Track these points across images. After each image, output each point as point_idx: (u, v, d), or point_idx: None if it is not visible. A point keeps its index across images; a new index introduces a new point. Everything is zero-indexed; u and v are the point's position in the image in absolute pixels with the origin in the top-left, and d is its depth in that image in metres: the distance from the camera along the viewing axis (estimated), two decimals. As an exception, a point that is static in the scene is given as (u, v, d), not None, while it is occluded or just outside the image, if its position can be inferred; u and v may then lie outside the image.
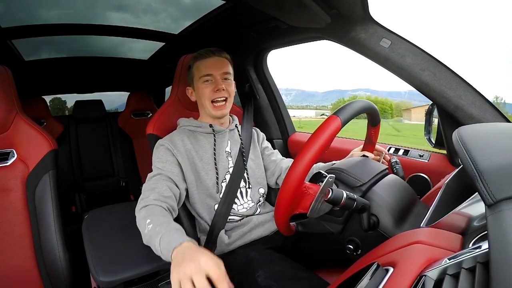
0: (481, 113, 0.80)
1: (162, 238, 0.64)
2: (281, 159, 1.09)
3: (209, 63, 0.95)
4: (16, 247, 0.91)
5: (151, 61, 2.11)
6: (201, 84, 0.95)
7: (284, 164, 1.05)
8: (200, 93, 0.95)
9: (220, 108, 0.95)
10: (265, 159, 1.09)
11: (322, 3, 0.82)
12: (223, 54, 0.97)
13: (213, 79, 0.94)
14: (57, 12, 1.31)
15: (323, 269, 0.88)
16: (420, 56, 0.84)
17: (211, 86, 0.94)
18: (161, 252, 0.65)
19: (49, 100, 2.69)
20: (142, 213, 0.75)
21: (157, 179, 0.85)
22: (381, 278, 0.38)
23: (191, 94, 1.01)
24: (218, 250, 0.93)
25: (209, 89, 0.94)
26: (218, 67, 0.95)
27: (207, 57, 0.95)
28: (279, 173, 1.05)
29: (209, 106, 0.95)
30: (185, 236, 0.65)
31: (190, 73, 0.99)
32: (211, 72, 0.94)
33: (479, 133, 0.44)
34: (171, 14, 1.44)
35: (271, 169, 1.07)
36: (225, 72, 0.96)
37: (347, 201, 0.56)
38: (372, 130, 0.80)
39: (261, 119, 1.55)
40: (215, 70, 0.94)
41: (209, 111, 0.96)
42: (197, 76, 0.96)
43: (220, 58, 0.96)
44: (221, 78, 0.95)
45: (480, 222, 0.42)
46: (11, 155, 0.94)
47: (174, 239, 0.62)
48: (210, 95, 0.94)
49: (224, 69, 0.96)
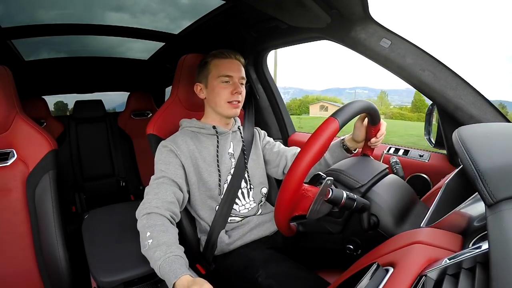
0: (481, 113, 0.80)
1: (161, 267, 0.66)
2: (285, 149, 1.07)
3: (230, 64, 0.94)
4: (16, 247, 0.91)
5: (151, 61, 2.11)
6: (219, 84, 0.93)
7: (289, 153, 1.04)
8: (216, 92, 0.93)
9: (236, 107, 0.94)
10: (267, 153, 1.08)
11: (322, 3, 0.82)
12: (241, 58, 0.97)
13: (231, 81, 0.93)
14: (56, 13, 1.31)
15: (323, 269, 0.88)
16: (420, 56, 0.84)
17: (230, 87, 0.92)
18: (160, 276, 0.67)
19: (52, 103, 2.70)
20: (143, 221, 0.75)
21: (160, 183, 0.84)
22: (381, 278, 0.38)
23: (199, 91, 0.99)
24: (219, 250, 0.93)
25: (228, 90, 0.92)
26: (238, 70, 0.94)
27: (228, 58, 0.94)
28: (284, 163, 1.03)
29: (225, 105, 0.93)
30: (184, 266, 0.66)
31: (205, 70, 0.96)
32: (232, 74, 0.93)
33: (479, 133, 0.44)
34: (169, 14, 1.44)
35: (275, 161, 1.05)
36: (242, 77, 0.95)
37: (347, 201, 0.56)
38: (372, 129, 0.80)
39: (261, 119, 1.55)
40: (235, 72, 0.93)
41: (222, 109, 0.94)
42: (214, 74, 0.94)
43: (238, 62, 0.96)
44: (239, 82, 0.94)
45: (480, 222, 0.42)
46: (11, 155, 0.94)
47: (173, 271, 0.64)
48: (227, 97, 0.92)
49: (242, 74, 0.96)
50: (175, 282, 0.62)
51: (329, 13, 0.86)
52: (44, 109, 2.24)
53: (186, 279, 0.62)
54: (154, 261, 0.68)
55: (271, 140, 1.12)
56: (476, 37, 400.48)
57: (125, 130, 2.46)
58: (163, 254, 0.67)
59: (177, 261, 0.66)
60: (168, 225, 0.75)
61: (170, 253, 0.67)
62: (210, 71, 0.95)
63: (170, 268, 0.65)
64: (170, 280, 0.63)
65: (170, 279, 0.63)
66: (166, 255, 0.67)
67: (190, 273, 0.65)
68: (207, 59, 0.97)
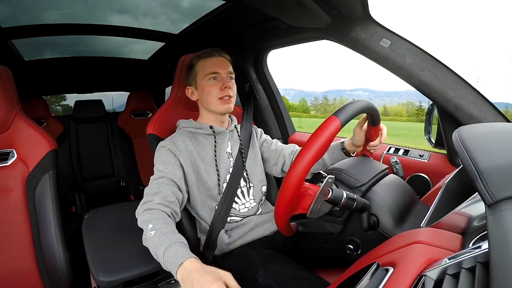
0: (481, 113, 0.80)
1: (166, 251, 0.64)
2: (282, 147, 1.06)
3: (215, 61, 0.95)
4: (16, 247, 0.91)
5: (151, 61, 2.11)
6: (207, 82, 0.94)
7: (286, 151, 1.04)
8: (206, 91, 0.94)
9: (228, 102, 0.94)
10: (265, 151, 1.08)
11: (322, 3, 0.82)
12: (226, 55, 0.98)
13: (219, 77, 0.94)
14: (59, 16, 1.32)
15: (323, 269, 0.88)
16: (420, 56, 0.84)
17: (219, 84, 0.93)
18: (163, 263, 0.65)
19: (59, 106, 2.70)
20: (144, 216, 0.75)
21: (160, 183, 0.84)
22: (381, 278, 0.38)
23: (191, 94, 1.00)
24: (218, 249, 0.93)
25: (217, 87, 0.93)
26: (224, 66, 0.95)
27: (212, 56, 0.95)
28: (283, 161, 1.03)
29: (217, 102, 0.94)
30: (189, 251, 0.65)
31: (192, 72, 0.98)
32: (218, 70, 0.94)
33: (479, 133, 0.44)
34: (170, 17, 1.46)
35: (274, 159, 1.05)
36: (230, 71, 0.96)
37: (347, 201, 0.56)
38: (372, 129, 0.80)
39: (261, 119, 1.55)
40: (221, 68, 0.94)
41: (215, 107, 0.95)
42: (201, 75, 0.95)
43: (224, 58, 0.97)
44: (227, 77, 0.95)
45: (480, 222, 0.42)
46: (11, 155, 0.94)
47: (179, 253, 0.63)
48: (217, 93, 0.93)
49: (229, 69, 0.96)
50: (182, 263, 0.61)
51: (329, 13, 0.86)
52: (44, 109, 2.24)
53: (197, 261, 0.61)
54: (159, 246, 0.66)
55: (268, 138, 1.12)
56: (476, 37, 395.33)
57: (125, 130, 2.46)
58: (169, 240, 0.66)
59: (184, 247, 0.65)
60: (169, 220, 0.75)
61: (177, 239, 0.67)
62: (197, 73, 0.96)
63: (177, 251, 0.63)
64: (176, 262, 0.61)
65: (177, 260, 0.61)
66: (173, 240, 0.66)
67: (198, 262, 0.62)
68: (192, 61, 0.98)
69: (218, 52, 0.96)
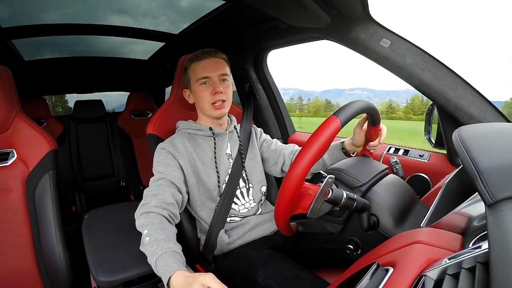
0: (481, 113, 0.80)
1: (157, 262, 0.65)
2: (282, 146, 1.06)
3: (206, 64, 0.93)
4: (16, 247, 0.91)
5: (151, 61, 2.11)
6: (199, 87, 0.93)
7: (286, 151, 1.03)
8: (199, 96, 0.94)
9: (220, 107, 0.93)
10: (265, 151, 1.07)
11: (322, 3, 0.82)
12: (220, 54, 0.96)
13: (210, 81, 0.93)
14: (58, 14, 1.32)
15: (323, 269, 0.88)
16: (420, 56, 0.84)
17: (209, 88, 0.92)
18: (156, 272, 0.66)
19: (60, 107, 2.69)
20: (141, 220, 0.75)
21: (159, 184, 0.84)
22: (381, 278, 0.38)
23: (188, 96, 1.00)
24: (218, 249, 0.93)
25: (208, 92, 0.92)
26: (215, 68, 0.93)
27: (203, 59, 0.94)
28: (282, 161, 1.03)
29: (209, 108, 0.94)
30: (180, 262, 0.66)
31: (187, 75, 0.98)
32: (208, 74, 0.92)
33: (479, 133, 0.44)
34: (170, 18, 1.46)
35: (273, 159, 1.05)
36: (222, 73, 0.94)
37: (347, 201, 0.56)
38: (372, 130, 0.80)
39: (261, 119, 1.55)
40: (212, 72, 0.93)
41: (208, 112, 0.95)
42: (194, 79, 0.95)
43: (216, 59, 0.94)
44: (219, 80, 0.93)
45: (480, 222, 0.42)
46: (11, 155, 0.94)
47: (169, 265, 0.64)
48: (209, 99, 0.92)
49: (221, 71, 0.94)
50: (170, 277, 0.62)
51: (329, 13, 0.86)
52: (44, 109, 2.24)
53: (182, 274, 0.62)
54: (151, 256, 0.67)
55: (268, 138, 1.12)
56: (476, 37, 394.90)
57: (125, 130, 2.46)
58: (160, 249, 0.67)
59: (174, 257, 0.66)
60: (166, 223, 0.75)
61: (167, 248, 0.67)
62: (190, 76, 0.96)
63: (166, 262, 0.64)
64: (165, 275, 0.62)
65: (166, 273, 0.62)
66: (163, 250, 0.66)
67: (186, 269, 0.64)
68: (186, 64, 0.98)
69: (210, 54, 0.94)
